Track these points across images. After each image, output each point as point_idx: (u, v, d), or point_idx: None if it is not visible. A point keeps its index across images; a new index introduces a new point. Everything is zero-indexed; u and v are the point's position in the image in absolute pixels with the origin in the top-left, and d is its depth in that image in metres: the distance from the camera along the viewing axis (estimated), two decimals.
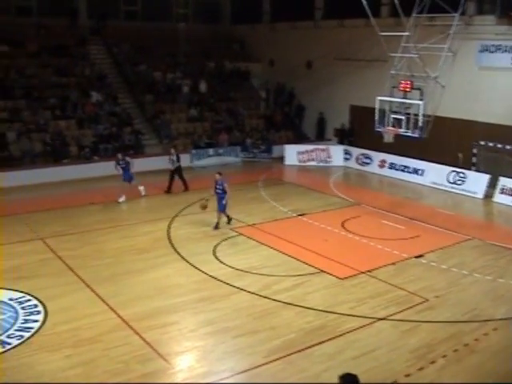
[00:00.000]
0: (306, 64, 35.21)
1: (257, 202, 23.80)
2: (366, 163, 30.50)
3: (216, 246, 18.23)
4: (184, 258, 17.14)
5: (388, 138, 22.83)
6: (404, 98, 22.10)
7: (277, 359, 11.45)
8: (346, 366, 10.73)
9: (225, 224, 20.17)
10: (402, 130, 21.93)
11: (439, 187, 26.50)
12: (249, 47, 40.62)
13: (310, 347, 11.95)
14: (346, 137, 33.24)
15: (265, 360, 11.43)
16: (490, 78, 25.25)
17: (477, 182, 25.50)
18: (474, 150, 26.38)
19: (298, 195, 25.09)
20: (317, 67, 34.54)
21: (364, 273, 16.04)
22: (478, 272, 16.36)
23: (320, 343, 12.12)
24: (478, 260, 17.56)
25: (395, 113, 22.29)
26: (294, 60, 35.37)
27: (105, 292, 14.61)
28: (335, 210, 22.64)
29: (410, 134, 21.78)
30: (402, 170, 28.57)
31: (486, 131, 25.43)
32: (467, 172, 25.97)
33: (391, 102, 22.40)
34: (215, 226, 19.89)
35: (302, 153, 31.84)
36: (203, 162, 30.85)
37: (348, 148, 31.79)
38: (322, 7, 35.00)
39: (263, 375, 10.93)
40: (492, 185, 24.87)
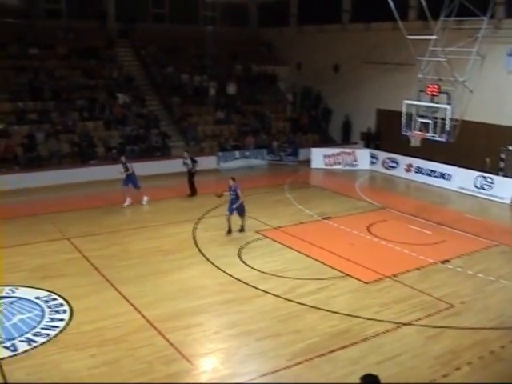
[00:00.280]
0: (333, 67, 35.19)
1: (282, 205, 23.80)
2: (393, 167, 30.35)
3: (241, 248, 18.28)
4: (209, 260, 17.21)
5: (415, 142, 22.69)
6: (431, 101, 21.95)
7: (300, 363, 11.45)
8: (369, 371, 10.48)
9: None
10: (429, 134, 21.77)
11: (466, 192, 26.28)
12: (276, 50, 40.67)
13: (334, 351, 11.93)
14: (372, 140, 33.14)
15: (288, 363, 11.43)
16: None
17: (504, 187, 25.21)
18: (502, 155, 26.13)
19: (323, 199, 25.06)
20: (344, 70, 34.50)
21: (389, 277, 15.97)
22: (504, 278, 16.19)
23: (344, 347, 12.09)
24: (504, 266, 17.39)
25: (422, 117, 22.13)
26: (321, 63, 35.38)
27: (130, 292, 14.72)
28: (361, 214, 22.57)
29: (437, 139, 21.62)
30: (429, 175, 28.36)
31: None
32: (495, 177, 25.69)
33: (418, 105, 22.24)
34: (241, 229, 19.98)
35: (328, 156, 31.77)
36: (230, 165, 30.91)
37: (374, 152, 31.65)
38: (350, 10, 34.96)
39: (286, 378, 10.94)
40: None
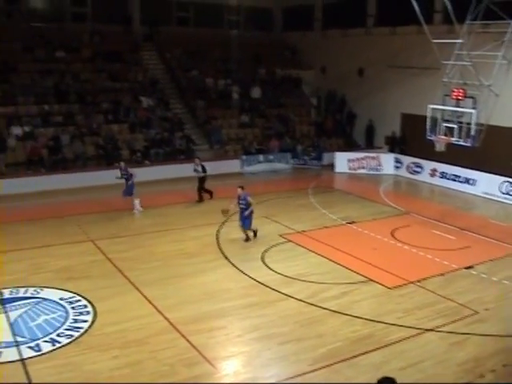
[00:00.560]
0: (357, 71, 35.08)
1: (306, 209, 23.78)
2: (417, 172, 30.18)
3: (265, 252, 18.28)
4: (232, 264, 17.25)
5: (440, 147, 22.52)
6: (456, 106, 21.80)
7: (322, 367, 11.42)
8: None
9: (243, 240, 19.46)
10: (454, 138, 21.59)
11: (491, 197, 26.04)
12: (300, 54, 40.68)
13: (356, 356, 11.89)
14: (396, 145, 32.98)
15: (310, 368, 11.41)
16: None
17: None
18: None
19: (347, 203, 25.00)
20: (368, 74, 34.40)
21: (412, 283, 15.87)
22: None
23: (366, 353, 12.04)
24: None
25: (447, 121, 21.97)
26: (346, 67, 35.30)
27: (153, 295, 14.79)
28: (385, 219, 22.48)
29: (462, 143, 21.46)
30: (454, 180, 28.16)
31: None
32: None
33: (443, 110, 22.09)
34: (246, 238, 19.39)
35: (353, 160, 31.69)
36: (253, 168, 30.98)
37: (399, 156, 31.49)
38: (374, 14, 34.88)
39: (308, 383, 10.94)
40: None
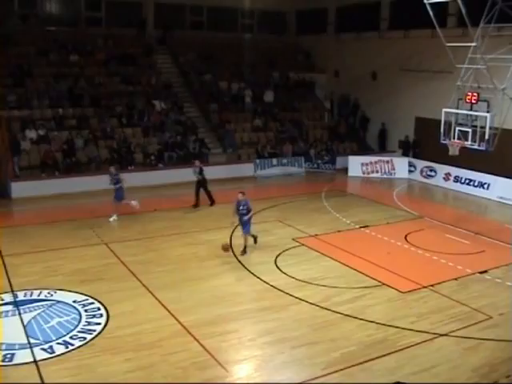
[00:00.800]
0: (370, 75, 35.03)
1: (319, 212, 23.75)
2: (431, 176, 30.07)
3: (278, 255, 18.27)
4: (245, 267, 17.27)
5: (453, 151, 22.41)
6: (470, 110, 21.71)
7: (335, 371, 11.40)
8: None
9: (253, 244, 19.18)
10: (468, 142, 21.50)
11: (506, 202, 25.87)
12: (314, 58, 40.69)
13: (370, 361, 11.86)
14: (410, 149, 32.87)
15: (323, 372, 11.39)
16: None
17: None
18: None
19: (361, 207, 24.96)
20: (382, 78, 34.33)
21: (426, 287, 15.80)
22: None
23: (380, 357, 12.01)
24: None
25: (461, 125, 21.87)
26: (359, 71, 35.24)
27: (166, 298, 14.82)
28: (398, 223, 22.41)
29: (476, 147, 21.35)
30: (468, 184, 28.02)
31: None
32: None
33: (457, 114, 22.00)
34: (243, 249, 18.66)
35: (366, 164, 31.63)
36: (267, 172, 30.98)
37: (412, 160, 31.41)
38: (388, 18, 34.83)
39: None
40: None
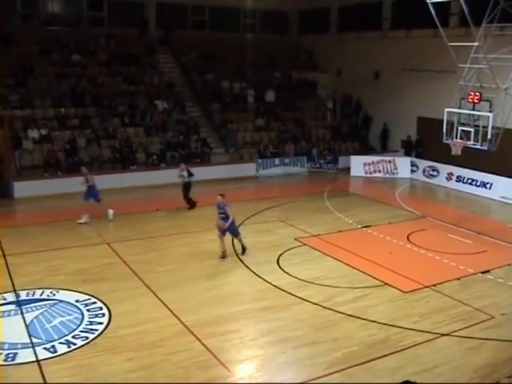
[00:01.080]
0: (373, 74, 34.99)
1: (321, 212, 23.73)
2: (433, 176, 30.05)
3: (280, 255, 18.25)
4: (248, 267, 17.25)
5: (456, 151, 22.39)
6: (473, 109, 21.70)
7: (337, 371, 11.39)
8: None
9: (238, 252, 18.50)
10: (471, 142, 21.49)
11: (508, 201, 25.83)
12: (316, 57, 40.67)
13: (372, 361, 11.85)
14: (413, 148, 32.84)
15: (325, 372, 11.38)
16: None
17: None
18: None
19: (363, 207, 24.94)
20: (384, 78, 34.31)
21: (428, 287, 15.78)
22: None
23: (382, 357, 12.00)
24: None
25: (463, 125, 21.85)
26: (361, 70, 35.20)
27: (168, 298, 14.83)
28: (401, 223, 22.39)
29: (478, 147, 21.34)
30: (470, 184, 27.99)
31: None
32: None
33: (460, 113, 21.98)
34: (242, 249, 18.30)
35: (368, 164, 31.60)
36: (269, 172, 30.96)
37: (415, 160, 31.37)
38: (390, 17, 34.82)
39: None
40: None
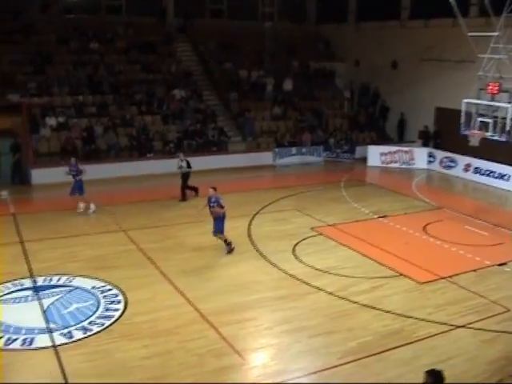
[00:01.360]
0: (391, 64, 34.79)
1: (338, 202, 23.71)
2: (451, 167, 29.85)
3: (296, 244, 18.28)
4: (263, 256, 17.30)
5: (474, 142, 22.24)
6: (492, 100, 21.51)
7: (351, 361, 11.43)
8: (421, 372, 10.53)
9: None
10: (489, 133, 21.33)
11: None
12: (334, 47, 40.45)
13: (386, 351, 11.86)
14: (430, 139, 32.66)
15: (339, 361, 11.41)
16: None
17: None
18: None
19: (379, 197, 24.87)
20: (402, 67, 34.09)
21: (444, 278, 15.75)
22: None
23: (396, 347, 12.01)
24: None
25: (482, 116, 21.69)
26: (380, 60, 35.00)
27: (184, 285, 14.93)
28: (417, 213, 22.31)
29: (496, 138, 21.19)
30: (488, 175, 27.78)
31: None
32: None
33: (478, 104, 21.82)
34: (228, 246, 17.64)
35: (385, 154, 31.47)
36: (285, 161, 30.93)
37: (432, 151, 31.16)
38: (409, 7, 34.55)
39: (337, 377, 10.92)
40: None
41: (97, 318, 13.17)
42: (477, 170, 28.39)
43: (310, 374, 11.05)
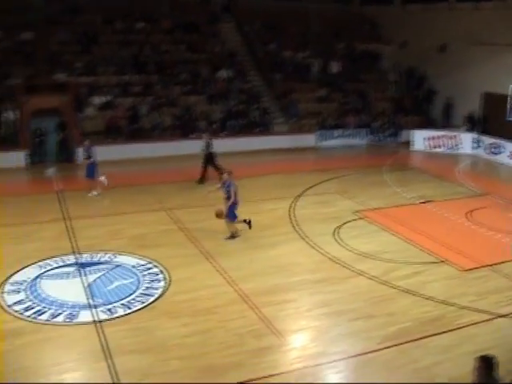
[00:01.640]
0: (438, 47, 34.19)
1: (380, 186, 23.53)
2: (497, 153, 29.30)
3: (337, 228, 18.23)
4: (305, 238, 17.30)
5: None
6: None
7: (390, 346, 11.37)
8: (460, 361, 10.50)
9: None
10: None
11: None
12: (380, 28, 39.92)
13: (425, 338, 11.76)
14: (476, 124, 32.13)
15: (378, 346, 11.38)
16: None
17: None
18: None
19: (423, 182, 24.60)
20: (450, 51, 33.43)
21: (487, 266, 15.53)
22: None
23: (436, 334, 11.90)
24: None
25: None
26: (427, 43, 34.40)
27: (225, 265, 15.04)
28: (461, 200, 22.00)
29: None
30: None
31: None
32: None
33: None
34: (229, 235, 17.20)
35: (430, 139, 31.08)
36: (328, 143, 30.82)
37: (478, 136, 30.69)
38: None
39: (376, 362, 10.91)
40: None
41: (138, 295, 13.36)
42: None
43: (349, 358, 11.02)
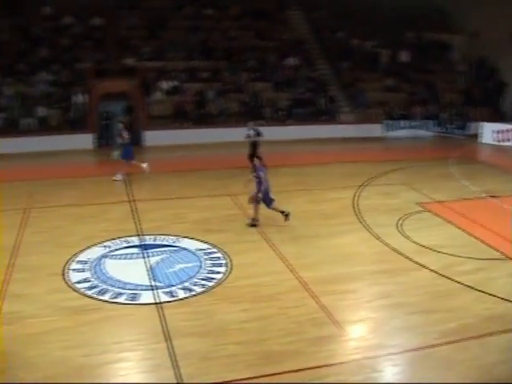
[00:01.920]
0: (511, 37, 33.30)
1: (446, 178, 23.14)
2: None
3: (400, 219, 18.02)
4: (368, 228, 17.19)
5: None
6: None
7: (449, 342, 11.16)
8: None
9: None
10: None
11: None
12: (450, 18, 39.03)
13: (487, 335, 11.48)
14: None
15: (436, 341, 11.17)
16: None
17: None
18: None
19: (490, 176, 24.06)
20: None
21: None
22: None
23: (498, 333, 11.59)
24: None
25: None
26: (499, 33, 33.51)
27: (287, 253, 15.05)
28: None
29: None
30: None
31: None
32: None
33: None
34: (251, 222, 17.17)
35: (500, 132, 30.34)
36: (395, 134, 30.51)
37: None
38: None
39: (433, 357, 10.76)
40: None
41: (199, 279, 13.51)
42: None
43: (405, 352, 10.90)
